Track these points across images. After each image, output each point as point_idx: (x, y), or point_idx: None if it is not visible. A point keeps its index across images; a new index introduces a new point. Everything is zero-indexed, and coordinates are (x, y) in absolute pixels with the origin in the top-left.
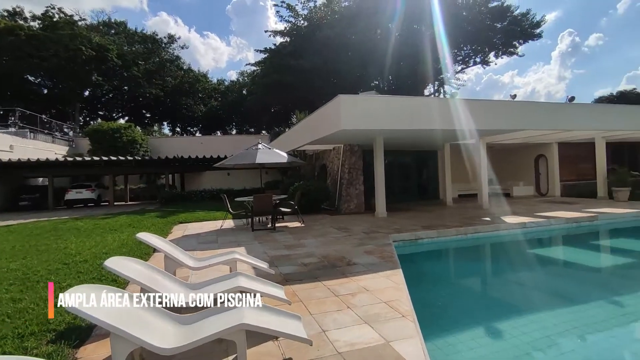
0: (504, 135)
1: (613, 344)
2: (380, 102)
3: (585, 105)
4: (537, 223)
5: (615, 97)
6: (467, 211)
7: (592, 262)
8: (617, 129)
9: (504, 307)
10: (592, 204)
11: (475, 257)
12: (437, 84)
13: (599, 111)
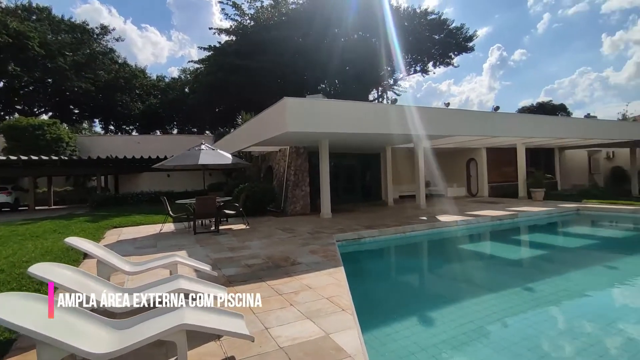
0: (439, 140)
1: (527, 326)
2: (326, 105)
3: (509, 114)
4: (467, 221)
5: (535, 107)
6: (406, 211)
7: (511, 254)
8: (534, 136)
9: (436, 298)
10: (514, 203)
11: (412, 254)
12: (380, 90)
13: (520, 120)
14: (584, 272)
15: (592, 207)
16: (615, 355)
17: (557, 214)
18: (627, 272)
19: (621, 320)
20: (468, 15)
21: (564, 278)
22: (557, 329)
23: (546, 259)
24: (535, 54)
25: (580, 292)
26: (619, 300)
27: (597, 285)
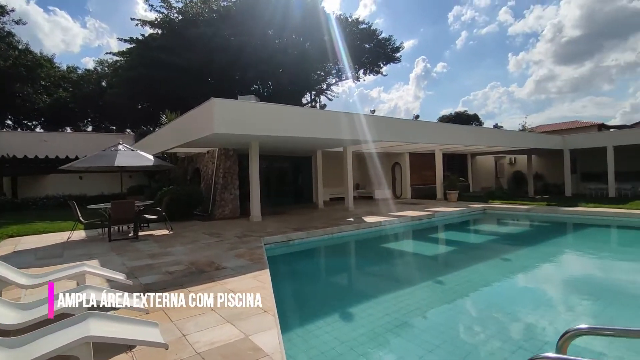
0: (367, 145)
1: (436, 315)
2: (256, 108)
3: (427, 123)
4: (390, 221)
5: (453, 116)
6: (335, 213)
7: (426, 251)
8: (448, 143)
9: (358, 295)
10: (432, 204)
11: (338, 254)
12: (314, 94)
13: (437, 128)
14: (484, 264)
15: (495, 207)
16: (508, 337)
17: (467, 214)
18: (518, 263)
19: (509, 304)
20: (397, 27)
21: (468, 270)
22: (461, 316)
23: (455, 254)
24: (454, 68)
25: (479, 282)
26: (509, 287)
27: (493, 276)
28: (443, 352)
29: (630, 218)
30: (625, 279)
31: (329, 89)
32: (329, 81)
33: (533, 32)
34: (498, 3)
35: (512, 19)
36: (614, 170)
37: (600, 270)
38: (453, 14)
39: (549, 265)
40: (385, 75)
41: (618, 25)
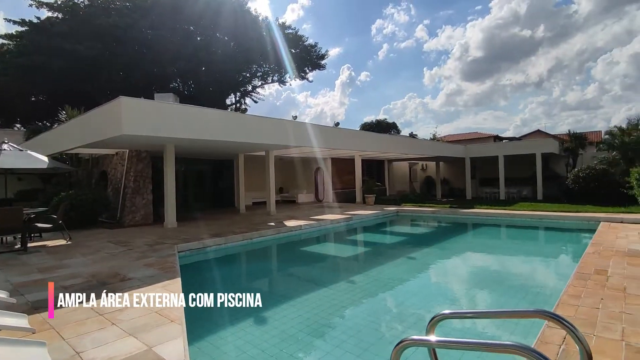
0: (289, 149)
1: (349, 313)
2: (171, 109)
3: (348, 130)
4: (310, 225)
5: (374, 124)
6: (256, 217)
7: (342, 252)
8: (368, 150)
9: (274, 299)
10: (351, 207)
11: (258, 259)
12: (239, 95)
13: (356, 135)
14: (392, 263)
15: (407, 209)
16: (408, 326)
17: (382, 216)
18: (421, 261)
19: (409, 298)
20: (324, 34)
21: (377, 269)
22: (367, 312)
23: (367, 255)
24: (376, 77)
25: (386, 280)
26: (411, 283)
27: (399, 273)
28: (349, 345)
29: (513, 218)
30: (507, 269)
31: (255, 91)
32: (254, 83)
33: (444, 50)
34: (415, 20)
35: (427, 36)
36: (504, 177)
37: (489, 262)
38: (376, 26)
39: (447, 261)
40: (311, 81)
41: (511, 50)
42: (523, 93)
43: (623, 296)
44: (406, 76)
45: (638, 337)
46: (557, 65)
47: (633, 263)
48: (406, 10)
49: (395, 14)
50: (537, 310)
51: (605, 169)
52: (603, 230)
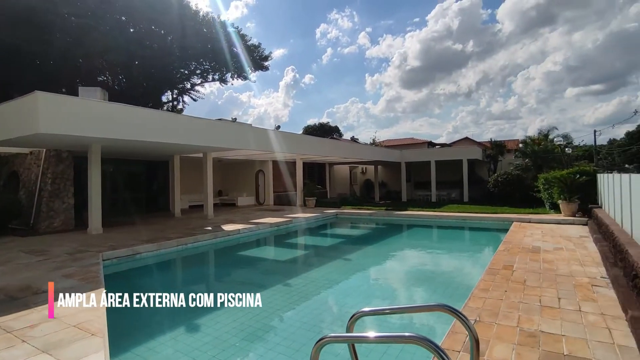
0: (229, 151)
1: (284, 315)
2: (98, 107)
3: (290, 134)
4: (249, 229)
5: (317, 127)
6: (192, 221)
7: (281, 256)
8: (308, 153)
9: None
10: (292, 210)
11: (192, 265)
12: (176, 93)
13: (298, 139)
14: (328, 265)
15: (346, 212)
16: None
17: (322, 219)
18: (357, 262)
19: (343, 297)
20: (268, 34)
21: (314, 271)
22: (302, 313)
23: (306, 257)
24: (320, 80)
25: (322, 281)
26: (346, 283)
27: (335, 275)
28: (282, 347)
29: (441, 219)
30: (433, 267)
31: (194, 89)
32: (193, 81)
33: (385, 58)
34: (358, 27)
35: (369, 43)
36: (436, 180)
37: (418, 261)
38: (320, 30)
39: (381, 261)
40: (254, 81)
41: (445, 62)
42: (455, 102)
43: (523, 288)
44: (349, 81)
45: (530, 323)
46: (484, 78)
47: (534, 258)
48: (350, 17)
49: (340, 20)
50: (438, 304)
51: (519, 175)
52: (514, 229)
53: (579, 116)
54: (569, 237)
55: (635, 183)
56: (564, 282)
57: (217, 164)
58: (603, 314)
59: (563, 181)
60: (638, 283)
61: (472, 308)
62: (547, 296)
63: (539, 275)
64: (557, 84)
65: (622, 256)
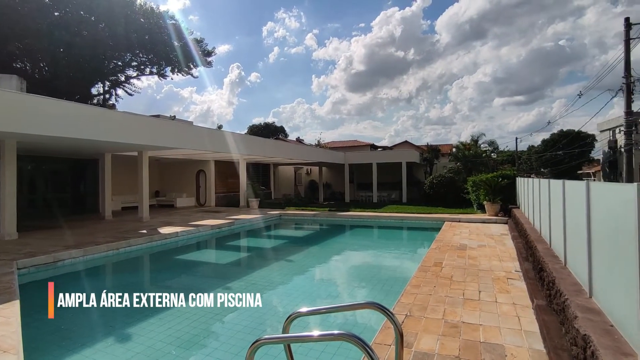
0: (168, 150)
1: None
2: (12, 98)
3: (232, 133)
4: (188, 231)
5: (262, 126)
6: (126, 224)
7: (222, 259)
8: (252, 154)
9: (138, 314)
10: (235, 212)
11: (123, 271)
12: (108, 85)
13: (241, 140)
14: (271, 266)
15: (290, 213)
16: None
17: (265, 220)
18: (299, 263)
19: (281, 299)
20: (212, 28)
21: (255, 274)
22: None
23: (247, 260)
24: (267, 79)
25: (263, 283)
26: (286, 285)
27: (277, 276)
28: (220, 352)
29: (380, 220)
30: (372, 266)
31: (129, 81)
32: (128, 73)
33: (332, 60)
34: (305, 28)
35: (316, 45)
36: (377, 182)
37: (358, 260)
38: (267, 28)
39: (322, 261)
40: (196, 77)
41: (388, 67)
42: (397, 107)
43: (449, 283)
44: (296, 81)
45: (453, 315)
46: (423, 85)
47: (461, 255)
48: (297, 17)
49: (287, 20)
50: (368, 302)
51: (452, 177)
52: (445, 228)
53: (505, 124)
54: (491, 235)
55: (543, 188)
56: (485, 276)
57: (154, 162)
58: (514, 304)
59: (488, 184)
60: (543, 275)
61: (404, 304)
62: (470, 290)
63: (464, 270)
64: (487, 94)
65: (532, 252)
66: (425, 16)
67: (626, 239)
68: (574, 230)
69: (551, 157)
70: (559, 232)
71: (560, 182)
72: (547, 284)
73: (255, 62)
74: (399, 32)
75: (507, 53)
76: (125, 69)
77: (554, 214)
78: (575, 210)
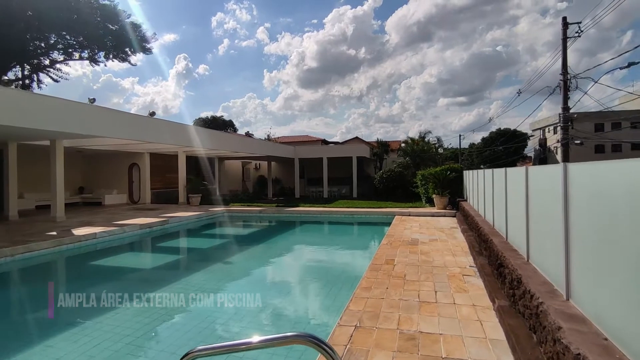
0: (91, 141)
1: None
2: None
3: (167, 122)
4: (110, 232)
5: (210, 120)
6: (34, 225)
7: (147, 263)
8: (190, 145)
9: (34, 333)
10: (172, 209)
11: (20, 281)
12: (29, 69)
13: (177, 129)
14: (206, 270)
15: (234, 209)
16: None
17: (206, 218)
18: (239, 265)
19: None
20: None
21: (188, 279)
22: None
23: (180, 263)
24: (216, 72)
25: (193, 289)
26: (222, 291)
27: (211, 282)
28: None
29: (330, 215)
30: (318, 266)
31: (54, 66)
32: (54, 57)
33: (284, 56)
34: (257, 22)
35: (268, 39)
36: (328, 177)
37: (303, 260)
38: (217, 19)
39: (264, 263)
40: (134, 64)
41: (340, 65)
42: (348, 104)
43: (403, 283)
44: (247, 76)
45: (409, 324)
46: (373, 83)
47: (413, 250)
48: (248, 9)
49: (237, 11)
50: (298, 334)
51: (401, 172)
52: (396, 223)
53: (448, 123)
54: (441, 228)
55: (498, 177)
56: (439, 273)
57: (75, 155)
58: (474, 305)
59: (437, 177)
60: (503, 271)
61: (353, 312)
62: (425, 290)
63: (417, 268)
64: (432, 94)
65: (487, 245)
66: (376, 16)
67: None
68: (540, 220)
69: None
70: (519, 224)
71: (522, 168)
72: (510, 282)
73: (203, 53)
74: (350, 31)
75: (451, 56)
76: (50, 52)
77: (512, 205)
78: (543, 198)
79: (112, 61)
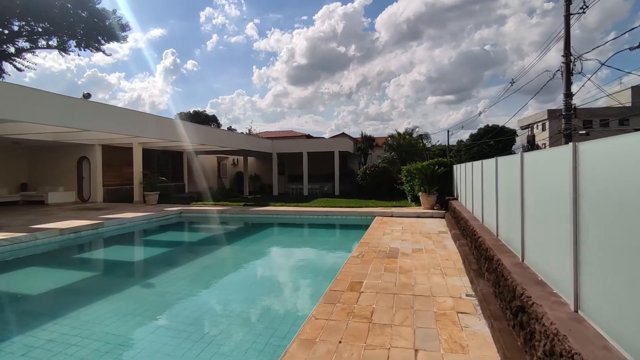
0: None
1: None
2: None
3: (120, 108)
4: (14, 240)
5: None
6: None
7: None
8: (147, 136)
9: None
10: (121, 208)
11: None
12: None
13: (131, 116)
14: (126, 292)
15: (193, 209)
16: None
17: (155, 219)
18: (166, 289)
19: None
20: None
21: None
22: None
23: (98, 282)
24: (205, 68)
25: (100, 320)
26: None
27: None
28: None
29: (302, 216)
30: (266, 286)
31: (20, 55)
32: (19, 45)
33: (273, 52)
34: (246, 17)
35: (257, 35)
36: (310, 173)
37: (253, 276)
38: (205, 14)
39: (206, 275)
40: (109, 54)
41: (329, 63)
42: (337, 102)
43: (367, 329)
44: (235, 72)
45: None
46: (363, 81)
47: (390, 268)
48: (237, 5)
49: (227, 6)
50: None
51: (386, 167)
52: (375, 226)
53: (437, 121)
54: (428, 233)
55: (504, 168)
56: (424, 309)
57: (12, 146)
58: None
59: (423, 172)
60: (525, 321)
61: None
62: (400, 347)
63: (392, 299)
64: (421, 92)
65: (492, 266)
66: (366, 13)
67: None
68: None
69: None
70: (551, 235)
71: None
72: (550, 355)
73: (192, 49)
74: (340, 28)
75: (440, 54)
76: (15, 40)
77: (536, 205)
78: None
79: (83, 50)
